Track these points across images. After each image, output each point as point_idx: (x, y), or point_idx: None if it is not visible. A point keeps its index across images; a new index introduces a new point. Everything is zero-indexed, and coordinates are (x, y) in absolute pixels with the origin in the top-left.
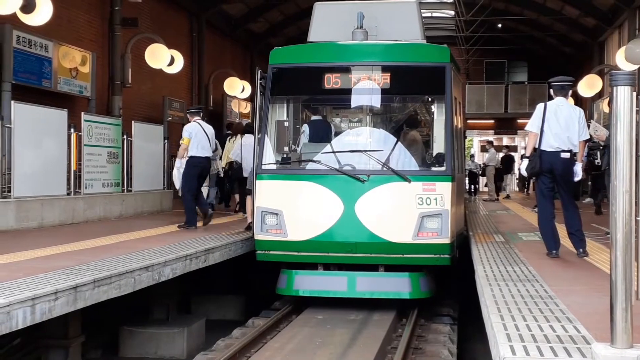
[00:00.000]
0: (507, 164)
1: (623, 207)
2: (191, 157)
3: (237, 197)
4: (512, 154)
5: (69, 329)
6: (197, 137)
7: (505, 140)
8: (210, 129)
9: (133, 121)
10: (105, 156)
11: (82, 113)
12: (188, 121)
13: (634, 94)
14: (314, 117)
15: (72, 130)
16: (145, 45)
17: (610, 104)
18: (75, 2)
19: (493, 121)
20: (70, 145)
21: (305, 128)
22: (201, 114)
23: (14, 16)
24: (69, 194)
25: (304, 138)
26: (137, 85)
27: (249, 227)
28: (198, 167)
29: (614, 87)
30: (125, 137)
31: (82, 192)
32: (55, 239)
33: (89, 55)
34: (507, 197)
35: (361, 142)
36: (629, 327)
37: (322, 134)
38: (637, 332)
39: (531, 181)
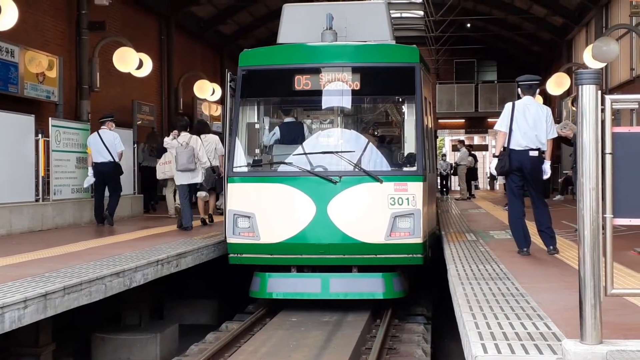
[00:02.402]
0: None
1: (590, 205)
2: (93, 163)
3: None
4: (474, 152)
5: (40, 337)
6: (94, 145)
7: (476, 140)
8: (109, 137)
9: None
10: (74, 161)
11: (50, 118)
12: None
13: (599, 92)
14: (287, 119)
15: (40, 135)
16: (114, 48)
17: (574, 103)
18: (41, 7)
19: (464, 120)
20: (38, 151)
21: (277, 130)
22: (108, 123)
23: None
24: (37, 200)
25: (276, 140)
26: (106, 89)
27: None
28: (97, 171)
29: (580, 86)
30: None
31: (51, 198)
32: (24, 246)
33: (55, 60)
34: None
35: (332, 143)
36: (598, 323)
37: (295, 136)
38: (606, 328)
39: (497, 180)
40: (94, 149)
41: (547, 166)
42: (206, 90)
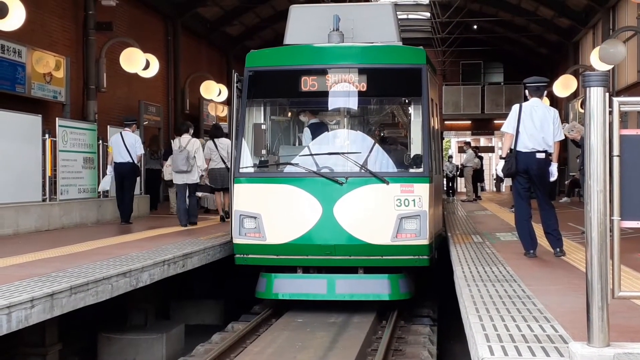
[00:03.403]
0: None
1: (598, 207)
2: (113, 163)
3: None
4: (481, 154)
5: (46, 337)
6: (115, 145)
7: (483, 141)
8: (130, 139)
9: (109, 126)
10: (80, 162)
11: (57, 118)
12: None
13: (607, 94)
14: (312, 120)
15: (47, 135)
16: (120, 49)
17: (583, 105)
18: (49, 7)
19: (470, 122)
20: (45, 151)
21: (306, 131)
22: (133, 125)
23: None
24: (44, 200)
25: (305, 141)
26: (113, 89)
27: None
28: (116, 171)
29: (587, 88)
30: (100, 142)
31: (58, 198)
32: (31, 246)
33: (63, 60)
34: (479, 198)
35: (339, 144)
36: (606, 326)
37: (322, 136)
38: (613, 330)
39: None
40: (115, 149)
41: (553, 168)
42: (212, 91)
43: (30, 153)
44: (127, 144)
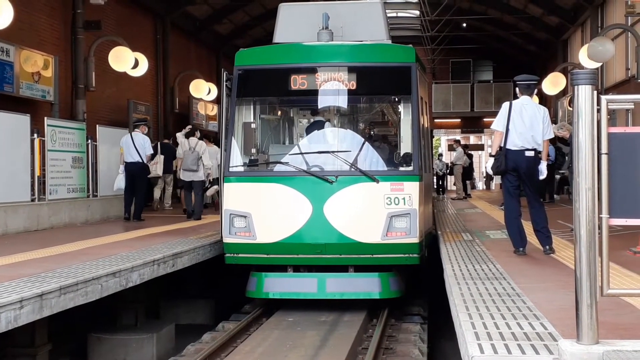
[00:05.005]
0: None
1: (586, 204)
2: (124, 163)
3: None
4: (470, 152)
5: (36, 337)
6: (126, 146)
7: (472, 139)
8: (139, 140)
9: (97, 125)
10: (69, 161)
11: (45, 118)
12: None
13: (595, 92)
14: (313, 119)
15: (36, 135)
16: (109, 48)
17: (570, 103)
18: (37, 6)
19: (459, 120)
20: (34, 151)
21: (304, 131)
22: (141, 127)
23: None
24: (33, 200)
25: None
26: (101, 88)
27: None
28: (127, 171)
29: (576, 86)
30: (89, 141)
31: (47, 198)
32: (20, 246)
33: (51, 59)
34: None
35: (329, 142)
36: (595, 323)
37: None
38: (602, 328)
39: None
40: (126, 149)
41: (543, 166)
42: (202, 90)
43: (19, 153)
44: (136, 145)
